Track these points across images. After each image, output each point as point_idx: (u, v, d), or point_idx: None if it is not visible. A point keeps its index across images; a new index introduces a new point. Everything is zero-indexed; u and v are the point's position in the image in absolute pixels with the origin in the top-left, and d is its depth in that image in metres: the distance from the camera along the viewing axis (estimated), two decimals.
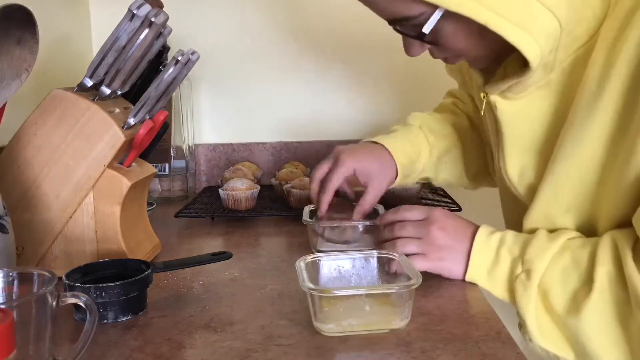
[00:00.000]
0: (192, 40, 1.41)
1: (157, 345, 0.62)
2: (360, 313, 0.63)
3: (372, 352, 0.60)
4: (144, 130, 0.83)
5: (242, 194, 1.13)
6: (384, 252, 0.73)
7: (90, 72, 0.80)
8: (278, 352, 0.59)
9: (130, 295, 0.68)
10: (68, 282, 0.68)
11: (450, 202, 1.16)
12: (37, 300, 0.50)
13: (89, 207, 0.81)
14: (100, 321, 0.66)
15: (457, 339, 0.62)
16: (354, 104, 1.44)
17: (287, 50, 1.43)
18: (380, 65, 1.43)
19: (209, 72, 1.43)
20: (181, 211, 1.14)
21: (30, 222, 0.80)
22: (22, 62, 0.70)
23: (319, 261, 0.71)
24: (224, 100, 1.45)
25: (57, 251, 0.82)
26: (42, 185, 0.80)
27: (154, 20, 0.76)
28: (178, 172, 1.36)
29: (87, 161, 0.79)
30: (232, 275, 0.83)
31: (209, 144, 1.45)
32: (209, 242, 1.03)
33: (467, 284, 0.77)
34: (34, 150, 0.79)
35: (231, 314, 0.70)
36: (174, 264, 0.78)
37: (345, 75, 1.43)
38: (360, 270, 0.72)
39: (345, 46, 1.42)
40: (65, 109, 0.79)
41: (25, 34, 0.69)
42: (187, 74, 0.86)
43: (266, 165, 1.44)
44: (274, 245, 1.00)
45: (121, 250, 0.82)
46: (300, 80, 1.44)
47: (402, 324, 0.64)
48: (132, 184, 0.82)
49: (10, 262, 0.68)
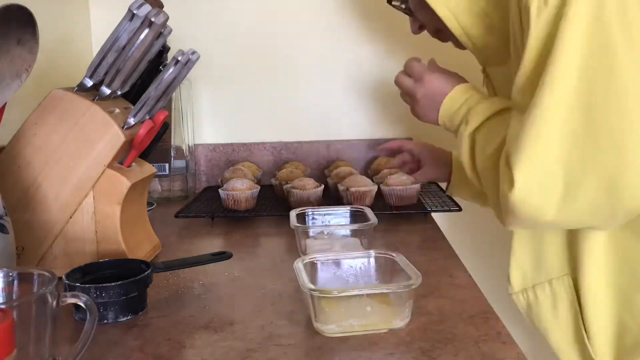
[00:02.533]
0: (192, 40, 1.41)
1: (157, 345, 0.62)
2: (360, 313, 0.63)
3: (372, 352, 0.60)
4: (144, 130, 0.83)
5: (242, 194, 1.13)
6: (382, 252, 0.73)
7: (90, 72, 0.80)
8: (278, 352, 0.59)
9: (130, 295, 0.68)
10: (68, 282, 0.68)
11: (450, 202, 1.16)
12: (37, 300, 0.50)
13: (89, 207, 0.81)
14: (100, 321, 0.66)
15: (457, 339, 0.62)
16: (354, 104, 1.44)
17: (287, 50, 1.43)
18: (381, 65, 1.43)
19: (209, 72, 1.43)
20: (181, 211, 1.14)
21: (30, 222, 0.80)
22: (22, 62, 0.70)
23: (316, 262, 0.71)
24: (224, 100, 1.45)
25: (57, 251, 0.82)
26: (42, 186, 0.80)
27: (154, 20, 0.76)
28: (178, 172, 1.36)
29: (87, 161, 0.79)
30: (232, 275, 0.83)
31: (209, 144, 1.45)
32: (209, 242, 1.03)
33: (467, 284, 0.77)
34: (34, 151, 0.79)
35: (231, 314, 0.70)
36: (174, 264, 0.78)
37: (346, 75, 1.43)
38: (357, 270, 0.72)
39: (345, 46, 1.42)
40: (65, 109, 0.79)
41: (25, 34, 0.69)
42: (187, 74, 0.86)
43: (266, 165, 1.44)
44: (274, 245, 1.00)
45: (121, 250, 0.82)
46: (300, 80, 1.44)
47: (402, 323, 0.64)
48: (132, 184, 0.82)
49: (10, 262, 0.68)
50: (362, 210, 0.95)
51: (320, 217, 0.96)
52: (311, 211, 0.96)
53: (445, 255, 0.91)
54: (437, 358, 0.58)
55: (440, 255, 0.91)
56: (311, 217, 0.95)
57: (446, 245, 0.96)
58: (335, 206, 1.01)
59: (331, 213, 0.96)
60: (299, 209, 0.95)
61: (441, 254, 0.91)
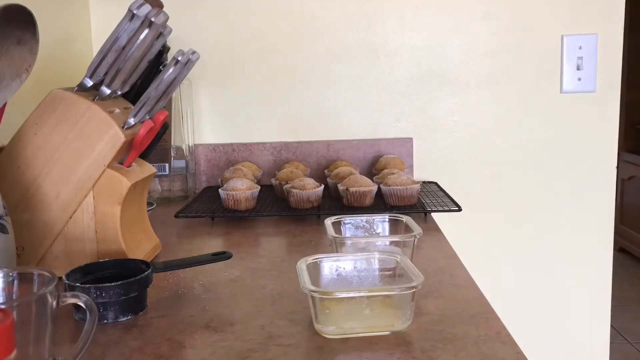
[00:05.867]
0: (192, 40, 1.41)
1: (157, 345, 0.62)
2: (361, 315, 0.63)
3: (372, 352, 0.60)
4: (144, 130, 0.83)
5: (242, 194, 1.13)
6: (386, 253, 0.73)
7: (90, 72, 0.80)
8: (278, 352, 0.59)
9: (130, 295, 0.68)
10: (68, 282, 0.68)
11: (450, 202, 1.16)
12: (37, 300, 0.50)
13: (89, 207, 0.81)
14: (100, 321, 0.66)
15: (457, 339, 0.62)
16: (354, 104, 1.44)
17: (287, 50, 1.43)
18: (380, 65, 1.43)
19: (209, 72, 1.43)
20: (181, 211, 1.14)
21: (30, 222, 0.80)
22: (22, 62, 0.70)
23: (320, 262, 0.71)
24: (224, 100, 1.45)
25: (57, 251, 0.82)
26: (42, 186, 0.80)
27: (154, 20, 0.76)
28: (178, 172, 1.36)
29: (87, 161, 0.79)
30: (232, 275, 0.83)
31: (209, 144, 1.45)
32: (209, 242, 1.03)
33: (467, 284, 0.77)
34: (34, 151, 0.79)
35: (231, 314, 0.70)
36: (174, 264, 0.78)
37: (345, 75, 1.43)
38: (361, 272, 0.72)
39: (345, 46, 1.42)
40: (65, 109, 0.79)
41: (25, 34, 0.69)
42: (187, 74, 0.86)
43: (266, 165, 1.44)
44: (274, 245, 1.00)
45: (121, 250, 0.82)
46: (300, 80, 1.44)
47: (404, 326, 0.63)
48: (132, 184, 0.82)
49: (10, 262, 0.68)
50: (402, 218, 0.89)
51: (356, 225, 0.89)
52: (348, 219, 0.89)
53: (445, 255, 0.91)
54: (437, 358, 0.58)
55: (440, 255, 0.91)
56: (347, 226, 0.89)
57: (446, 245, 0.96)
58: (373, 214, 0.95)
59: (369, 221, 0.90)
60: (334, 217, 0.88)
61: (441, 254, 0.91)
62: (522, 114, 1.43)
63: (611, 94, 1.42)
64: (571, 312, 1.47)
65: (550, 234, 1.46)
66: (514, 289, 1.47)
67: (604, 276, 1.47)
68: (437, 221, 1.12)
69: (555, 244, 1.46)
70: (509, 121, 1.44)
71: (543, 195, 1.45)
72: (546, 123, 1.44)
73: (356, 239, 0.84)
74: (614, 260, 1.48)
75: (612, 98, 1.42)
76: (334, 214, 0.99)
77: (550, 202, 1.45)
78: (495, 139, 1.44)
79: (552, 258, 1.47)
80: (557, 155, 1.44)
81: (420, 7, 1.41)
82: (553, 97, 1.43)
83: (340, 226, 0.88)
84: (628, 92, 3.36)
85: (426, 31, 1.42)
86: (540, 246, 1.46)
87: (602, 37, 1.40)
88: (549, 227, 1.46)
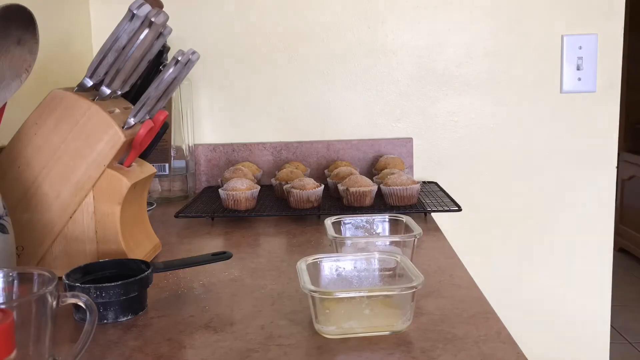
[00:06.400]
0: (192, 40, 1.41)
1: (157, 345, 0.62)
2: (362, 315, 0.63)
3: (372, 352, 0.60)
4: (144, 130, 0.83)
5: (242, 194, 1.13)
6: (386, 253, 0.73)
7: (90, 72, 0.80)
8: (278, 352, 0.59)
9: (130, 295, 0.68)
10: (68, 282, 0.68)
11: (450, 202, 1.16)
12: (37, 300, 0.50)
13: (89, 207, 0.81)
14: (100, 321, 0.66)
15: (457, 339, 0.62)
16: (354, 104, 1.44)
17: (287, 50, 1.43)
18: (381, 65, 1.43)
19: (209, 72, 1.43)
20: (181, 211, 1.14)
21: (30, 222, 0.80)
22: (22, 62, 0.70)
23: (320, 262, 0.71)
24: (224, 100, 1.45)
25: (57, 251, 0.82)
26: (42, 186, 0.80)
27: (154, 20, 0.76)
28: (178, 172, 1.36)
29: (87, 161, 0.79)
30: (232, 275, 0.83)
31: (209, 144, 1.45)
32: (209, 242, 1.03)
33: (467, 284, 0.77)
34: (34, 151, 0.79)
35: (231, 314, 0.70)
36: (174, 264, 0.78)
37: (346, 75, 1.43)
38: (361, 271, 0.72)
39: (345, 46, 1.42)
40: (65, 109, 0.79)
41: (25, 34, 0.69)
42: (187, 74, 0.86)
43: (266, 165, 1.44)
44: (274, 245, 1.00)
45: (121, 250, 0.82)
46: (300, 80, 1.44)
47: (404, 326, 0.63)
48: (132, 184, 0.82)
49: (10, 262, 0.68)
50: (402, 218, 0.89)
51: (356, 225, 0.89)
52: (348, 219, 0.89)
53: (445, 255, 0.91)
54: (437, 358, 0.58)
55: (440, 255, 0.91)
56: (347, 226, 0.89)
57: (446, 245, 0.96)
58: (373, 214, 0.95)
59: (369, 221, 0.90)
60: (334, 217, 0.89)
61: (441, 254, 0.91)
62: (522, 114, 1.43)
63: (611, 93, 1.42)
64: (571, 312, 1.47)
65: (550, 234, 1.46)
66: (514, 288, 1.47)
67: (604, 276, 1.47)
68: (437, 221, 1.12)
69: (555, 244, 1.46)
70: (509, 121, 1.44)
71: (543, 195, 1.45)
72: (546, 123, 1.44)
73: (356, 239, 0.84)
74: (614, 260, 1.48)
75: (612, 98, 1.42)
76: (334, 214, 0.99)
77: (550, 202, 1.46)
78: (495, 139, 1.44)
79: (552, 258, 1.47)
80: (557, 155, 1.44)
81: (420, 7, 1.41)
82: (553, 97, 1.43)
83: (340, 226, 0.89)
84: (628, 92, 3.37)
85: (426, 31, 1.42)
86: (540, 246, 1.47)
87: (602, 37, 1.40)
88: (549, 227, 1.46)
